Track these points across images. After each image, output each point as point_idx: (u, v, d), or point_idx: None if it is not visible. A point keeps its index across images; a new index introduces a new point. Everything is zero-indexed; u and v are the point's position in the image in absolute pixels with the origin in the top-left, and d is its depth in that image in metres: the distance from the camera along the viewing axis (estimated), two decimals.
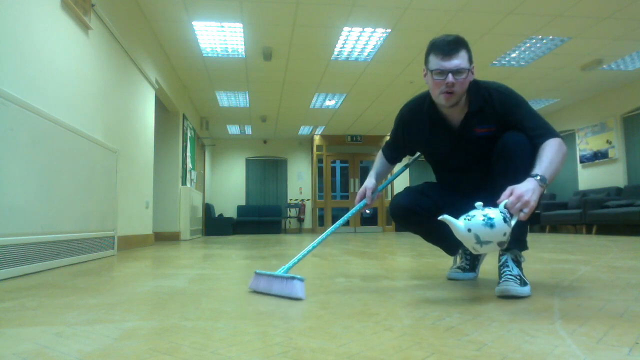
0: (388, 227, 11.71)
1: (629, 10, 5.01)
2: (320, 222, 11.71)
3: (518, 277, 1.54)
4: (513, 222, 1.36)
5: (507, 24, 5.38)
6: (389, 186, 11.75)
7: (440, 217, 1.38)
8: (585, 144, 8.82)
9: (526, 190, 1.36)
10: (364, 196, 1.85)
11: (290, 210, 11.98)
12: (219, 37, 5.67)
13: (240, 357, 0.86)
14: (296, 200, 12.21)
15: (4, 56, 2.32)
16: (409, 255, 3.43)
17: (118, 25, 4.15)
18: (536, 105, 9.09)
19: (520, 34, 5.67)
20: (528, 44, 6.02)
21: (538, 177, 1.41)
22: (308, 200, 12.21)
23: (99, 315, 1.26)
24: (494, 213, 1.32)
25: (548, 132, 1.56)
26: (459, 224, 1.35)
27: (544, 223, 8.60)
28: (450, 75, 1.56)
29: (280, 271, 1.61)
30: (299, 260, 1.68)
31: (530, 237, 6.41)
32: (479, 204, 1.36)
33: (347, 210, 11.79)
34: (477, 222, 1.31)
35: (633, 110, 7.81)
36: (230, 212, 11.84)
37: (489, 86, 1.68)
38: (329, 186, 11.84)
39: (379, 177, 1.96)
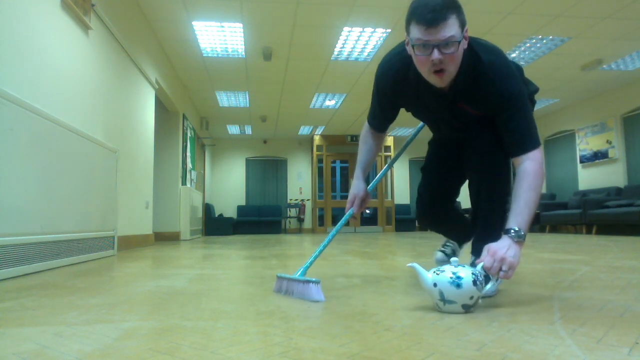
0: (388, 227, 11.71)
1: (629, 10, 5.01)
2: (320, 222, 11.70)
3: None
4: (488, 286, 1.32)
5: (507, 24, 5.37)
6: (389, 184, 11.75)
7: (408, 265, 1.35)
8: (585, 144, 8.82)
9: (503, 250, 1.28)
10: (353, 204, 1.74)
11: (290, 210, 11.98)
12: (219, 37, 5.67)
13: (240, 357, 0.86)
14: (296, 200, 12.20)
15: (4, 56, 2.32)
16: (409, 255, 3.43)
17: (118, 25, 4.15)
18: (536, 106, 9.08)
19: (520, 34, 5.67)
20: (528, 44, 6.02)
21: (513, 233, 1.31)
22: (308, 200, 12.21)
23: (99, 315, 1.26)
24: (465, 273, 1.25)
25: (528, 142, 1.41)
26: (427, 276, 1.29)
27: (544, 223, 8.59)
28: (436, 52, 1.30)
29: (297, 274, 1.60)
30: (311, 263, 1.66)
31: (531, 237, 6.43)
32: (454, 259, 1.31)
33: None
34: (444, 278, 1.25)
35: (633, 110, 7.81)
36: (230, 212, 11.84)
37: (487, 68, 1.42)
38: (329, 186, 11.83)
39: (367, 168, 1.81)
